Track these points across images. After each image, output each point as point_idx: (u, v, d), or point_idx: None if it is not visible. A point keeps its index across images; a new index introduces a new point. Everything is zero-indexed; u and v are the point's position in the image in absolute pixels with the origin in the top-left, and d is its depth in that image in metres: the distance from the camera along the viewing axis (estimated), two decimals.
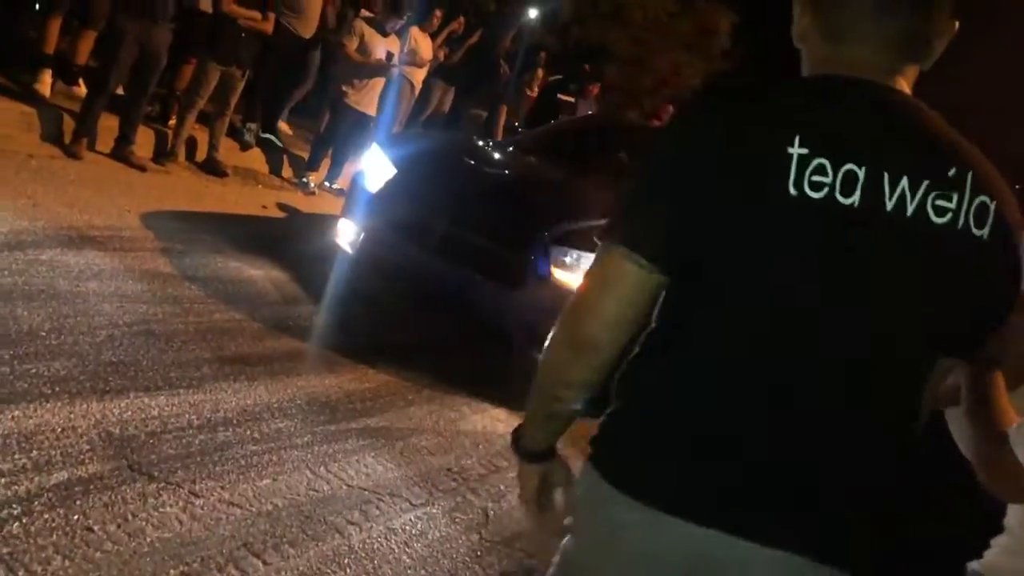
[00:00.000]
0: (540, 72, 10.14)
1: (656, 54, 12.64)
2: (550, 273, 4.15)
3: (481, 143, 6.19)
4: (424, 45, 8.20)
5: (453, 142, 6.37)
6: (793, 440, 1.12)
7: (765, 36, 16.39)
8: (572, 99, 10.28)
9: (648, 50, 12.55)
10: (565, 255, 4.18)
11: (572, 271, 4.14)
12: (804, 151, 1.06)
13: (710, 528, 1.11)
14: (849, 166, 1.07)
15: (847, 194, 1.06)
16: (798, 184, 1.06)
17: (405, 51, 7.83)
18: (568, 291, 4.05)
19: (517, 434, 1.36)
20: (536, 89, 10.33)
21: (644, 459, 1.17)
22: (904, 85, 1.18)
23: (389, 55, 7.40)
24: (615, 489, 1.17)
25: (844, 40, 1.18)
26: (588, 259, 3.99)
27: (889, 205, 1.08)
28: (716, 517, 1.11)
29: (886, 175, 1.08)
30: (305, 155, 7.84)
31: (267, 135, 7.78)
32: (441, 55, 8.71)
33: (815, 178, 1.06)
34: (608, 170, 5.47)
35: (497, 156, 5.71)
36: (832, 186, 1.06)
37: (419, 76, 8.40)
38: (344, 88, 7.36)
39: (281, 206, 6.77)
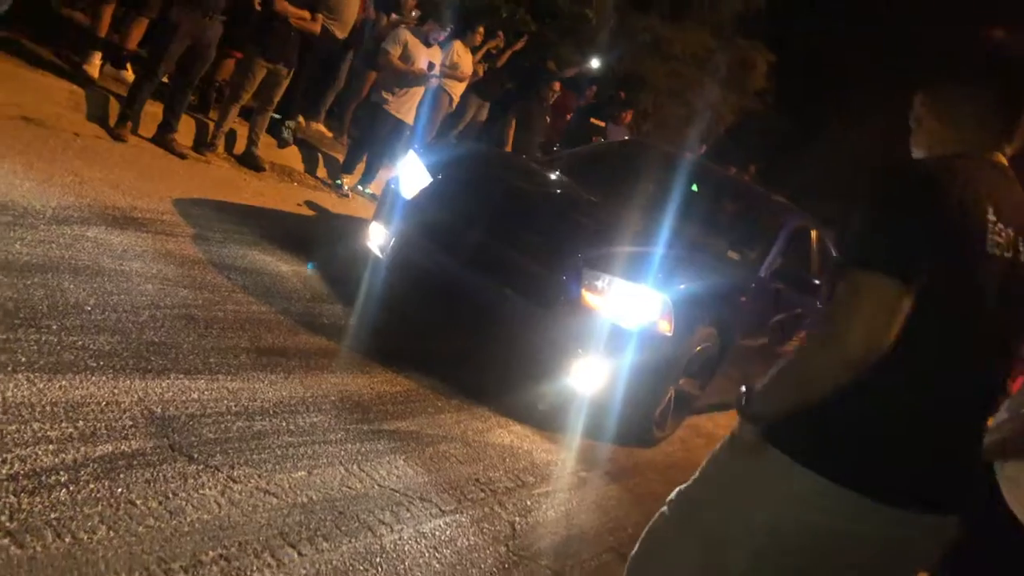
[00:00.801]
0: (557, 85, 9.78)
1: (691, 87, 12.72)
2: (581, 295, 4.14)
3: (518, 158, 6.22)
4: (465, 60, 8.27)
5: (490, 154, 6.40)
6: (950, 432, 1.54)
7: (798, 78, 16.55)
8: (603, 124, 10.30)
9: (684, 82, 12.62)
10: (597, 279, 4.15)
11: (602, 295, 4.13)
12: (994, 218, 1.48)
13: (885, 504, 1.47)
14: (1008, 229, 1.50)
15: (1007, 250, 1.49)
16: (992, 242, 1.47)
17: (447, 63, 7.89)
18: (596, 314, 4.12)
19: (749, 397, 1.62)
20: (551, 99, 9.89)
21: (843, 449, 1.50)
22: (1004, 159, 1.60)
23: (430, 65, 7.45)
24: (801, 466, 1.50)
25: (960, 127, 1.59)
26: (619, 284, 4.00)
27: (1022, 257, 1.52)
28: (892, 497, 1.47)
29: (1019, 238, 1.52)
30: (341, 157, 7.88)
31: (290, 122, 7.70)
32: (480, 71, 8.78)
33: (995, 238, 1.47)
34: (642, 197, 5.50)
35: (534, 172, 5.73)
36: (1003, 245, 1.48)
37: (458, 90, 8.46)
38: (384, 94, 7.42)
39: (312, 205, 6.80)
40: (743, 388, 1.64)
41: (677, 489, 1.77)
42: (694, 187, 5.81)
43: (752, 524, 1.54)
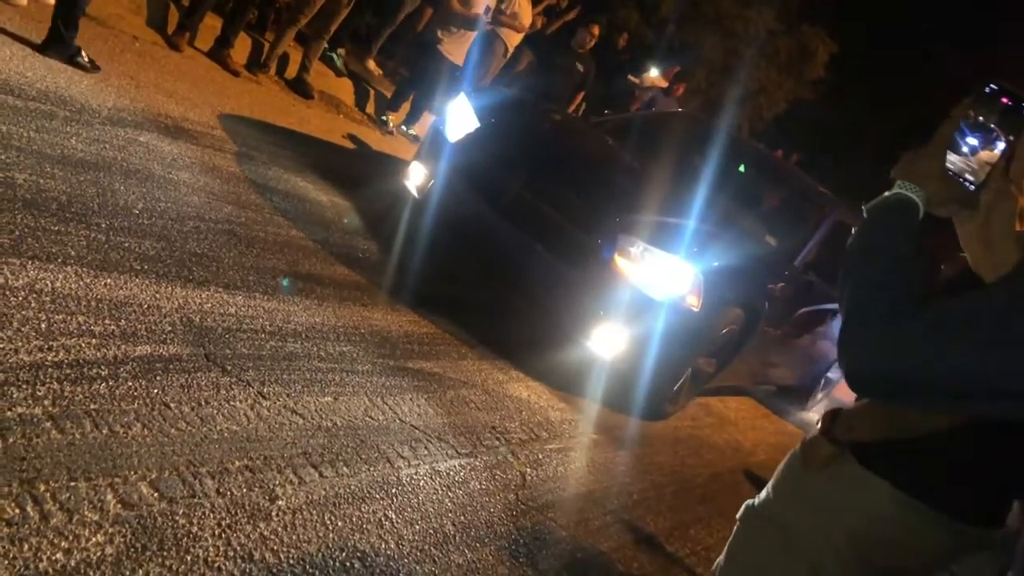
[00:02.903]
0: (596, 30, 9.36)
1: (748, 68, 12.51)
2: (613, 260, 4.12)
3: (568, 115, 6.18)
4: (526, 10, 8.16)
5: (539, 107, 6.35)
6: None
7: (857, 73, 16.25)
8: (637, 81, 10.18)
9: (741, 63, 12.42)
10: (632, 245, 4.13)
11: (635, 262, 4.11)
12: None
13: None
14: None
15: None
16: None
17: (508, 12, 7.81)
18: (625, 281, 4.13)
19: (834, 422, 1.63)
20: (587, 46, 9.56)
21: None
22: None
23: (487, 9, 7.36)
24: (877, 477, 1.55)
25: None
26: (654, 253, 3.98)
27: None
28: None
29: None
30: (389, 95, 7.87)
31: (331, 53, 7.69)
32: (539, 23, 8.68)
33: None
34: (687, 170, 5.46)
35: (581, 131, 5.70)
36: None
37: (514, 40, 8.37)
38: (440, 34, 7.35)
39: (354, 139, 6.81)
40: (827, 410, 1.67)
41: (747, 504, 1.81)
42: (741, 168, 5.77)
43: (835, 535, 1.59)
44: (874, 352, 1.14)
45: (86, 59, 4.31)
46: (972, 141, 1.27)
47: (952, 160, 1.28)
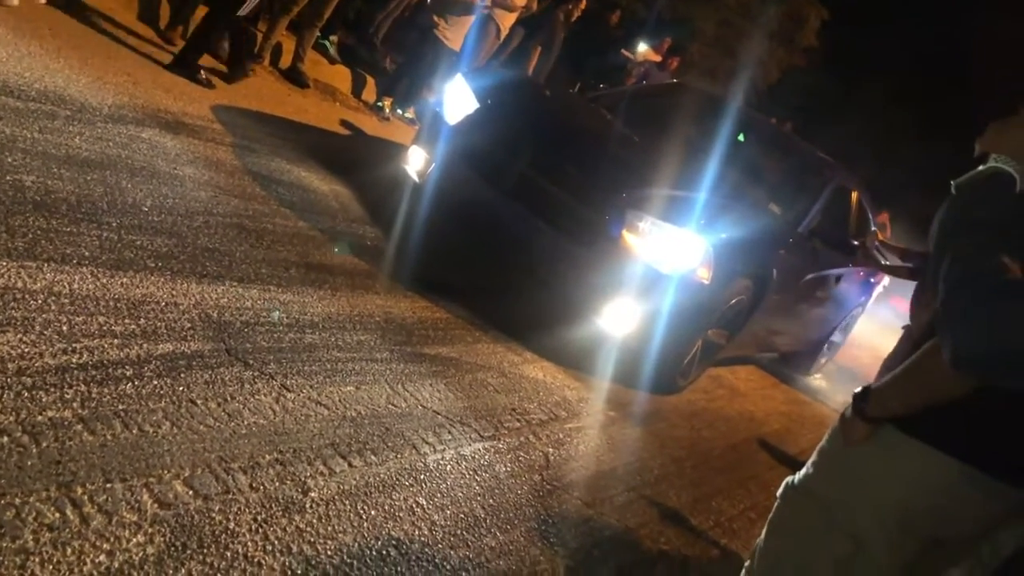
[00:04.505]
0: (584, 3, 9.39)
1: (741, 38, 12.43)
2: (621, 236, 4.10)
3: (566, 92, 6.14)
4: None
5: (537, 86, 6.31)
6: None
7: (850, 39, 16.15)
8: (632, 56, 10.14)
9: (734, 33, 12.33)
10: (640, 220, 4.10)
11: (643, 237, 4.09)
12: None
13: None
14: None
15: None
16: None
17: None
18: (634, 256, 4.11)
19: (866, 400, 1.59)
20: (574, 16, 9.63)
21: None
22: None
23: None
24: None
25: None
26: (662, 227, 3.94)
27: None
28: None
29: None
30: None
31: (324, 41, 7.64)
32: (534, 6, 8.61)
33: None
34: (688, 141, 5.44)
35: (581, 108, 5.67)
36: None
37: (507, 21, 8.28)
38: (436, 19, 7.29)
39: (350, 126, 6.77)
40: (858, 389, 1.65)
41: (787, 481, 1.80)
42: (741, 136, 5.74)
43: (881, 507, 1.58)
44: (989, 327, 1.12)
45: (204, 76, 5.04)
46: None
47: None
